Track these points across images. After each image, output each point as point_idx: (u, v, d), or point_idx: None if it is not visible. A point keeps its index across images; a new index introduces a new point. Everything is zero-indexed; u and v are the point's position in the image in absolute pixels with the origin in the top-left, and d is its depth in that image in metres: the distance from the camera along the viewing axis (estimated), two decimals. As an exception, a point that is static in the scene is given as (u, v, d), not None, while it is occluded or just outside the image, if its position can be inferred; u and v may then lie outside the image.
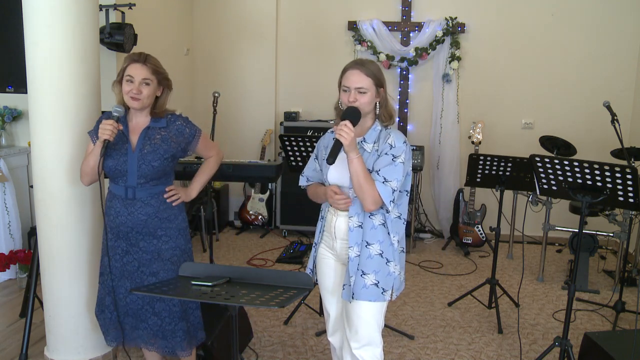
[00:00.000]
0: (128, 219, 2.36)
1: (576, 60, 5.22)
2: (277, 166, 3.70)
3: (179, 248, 2.42)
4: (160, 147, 2.32)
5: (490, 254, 5.00)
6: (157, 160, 2.31)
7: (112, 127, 2.22)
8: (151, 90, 2.30)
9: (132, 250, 2.39)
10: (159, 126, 2.36)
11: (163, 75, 2.35)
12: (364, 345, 2.16)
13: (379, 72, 2.11)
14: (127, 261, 2.40)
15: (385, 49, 5.37)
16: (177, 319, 2.40)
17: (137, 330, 2.43)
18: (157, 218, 2.36)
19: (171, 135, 2.36)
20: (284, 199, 5.39)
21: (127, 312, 2.43)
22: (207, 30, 5.68)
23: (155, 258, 2.38)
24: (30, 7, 2.57)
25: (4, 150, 4.18)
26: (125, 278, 2.41)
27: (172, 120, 2.40)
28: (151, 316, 2.40)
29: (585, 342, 2.81)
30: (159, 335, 2.41)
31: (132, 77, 2.27)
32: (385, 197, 2.03)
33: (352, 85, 2.08)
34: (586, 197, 2.55)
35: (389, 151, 2.06)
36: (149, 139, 2.33)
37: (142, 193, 2.34)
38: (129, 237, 2.38)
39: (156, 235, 2.37)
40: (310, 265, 2.35)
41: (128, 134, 2.36)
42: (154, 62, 2.32)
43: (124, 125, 2.36)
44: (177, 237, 2.41)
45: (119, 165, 2.32)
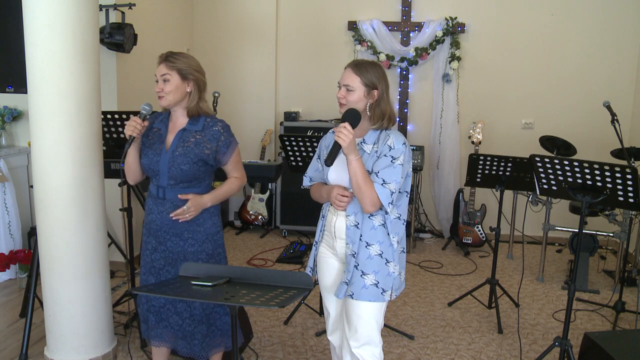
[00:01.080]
0: (158, 217, 2.37)
1: (576, 60, 5.22)
2: (277, 166, 3.71)
3: (205, 252, 2.40)
4: (192, 150, 2.30)
5: (490, 254, 5.00)
6: (186, 163, 2.29)
7: (136, 124, 2.26)
8: (172, 85, 2.28)
9: (160, 248, 2.40)
10: (195, 129, 2.34)
11: (187, 71, 2.30)
12: (364, 344, 2.17)
13: (374, 74, 2.10)
14: (155, 258, 2.42)
15: (385, 49, 5.37)
16: (196, 321, 2.40)
17: (157, 329, 2.45)
18: (186, 221, 2.35)
19: (205, 140, 2.32)
20: (284, 199, 5.39)
21: (150, 309, 2.45)
22: (207, 30, 5.68)
23: (181, 259, 2.38)
24: (30, 7, 2.57)
25: (4, 150, 4.18)
26: (151, 274, 2.43)
27: (210, 124, 2.36)
28: (173, 315, 2.41)
29: (585, 342, 2.81)
30: (179, 335, 2.42)
31: (156, 76, 2.31)
32: (384, 199, 2.04)
33: (342, 82, 2.13)
34: (586, 197, 2.55)
35: (388, 153, 2.07)
36: (183, 141, 2.32)
37: (171, 194, 2.34)
38: (157, 235, 2.40)
39: (183, 237, 2.37)
40: (311, 264, 2.36)
41: (166, 134, 2.37)
42: (177, 58, 2.30)
43: (164, 125, 2.38)
44: (203, 242, 2.39)
45: (152, 165, 2.33)
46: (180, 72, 2.29)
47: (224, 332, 2.48)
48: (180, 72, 2.29)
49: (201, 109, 2.36)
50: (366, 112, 2.12)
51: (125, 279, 4.18)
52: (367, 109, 2.12)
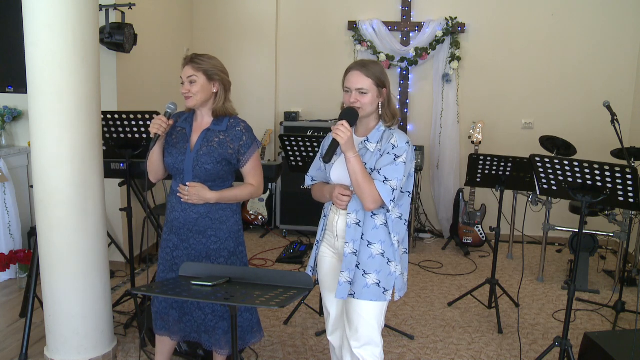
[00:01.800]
0: (181, 215, 2.39)
1: (576, 60, 5.22)
2: (277, 166, 3.70)
3: (227, 250, 2.42)
4: (216, 150, 2.33)
5: (490, 254, 5.00)
6: (210, 163, 2.32)
7: (161, 122, 2.29)
8: (199, 86, 2.31)
9: (182, 246, 2.42)
10: (219, 129, 2.37)
11: (213, 71, 2.34)
12: (364, 344, 2.17)
13: (381, 73, 2.12)
14: (177, 255, 2.43)
15: (385, 49, 5.37)
16: (218, 317, 2.42)
17: (180, 324, 2.47)
18: (209, 218, 2.38)
19: (228, 140, 2.35)
20: (284, 199, 5.39)
21: (172, 305, 2.46)
22: (207, 30, 5.68)
23: (203, 257, 2.40)
24: (30, 7, 2.57)
25: (4, 150, 4.18)
26: (172, 272, 2.45)
27: (234, 124, 2.38)
28: (196, 310, 2.43)
29: (585, 342, 2.81)
30: (202, 330, 2.45)
31: (182, 78, 2.33)
32: (385, 196, 2.04)
33: (352, 86, 2.10)
34: (586, 197, 2.55)
35: (391, 151, 2.07)
36: (207, 141, 2.35)
37: None
38: (180, 233, 2.41)
39: (206, 234, 2.39)
40: (312, 263, 2.36)
41: (190, 134, 2.39)
42: (202, 59, 2.33)
43: (188, 125, 2.41)
44: (226, 239, 2.41)
45: (176, 164, 2.36)
46: (207, 73, 2.32)
47: (244, 329, 2.51)
48: (207, 73, 2.32)
49: (227, 110, 2.40)
50: (378, 111, 2.13)
51: (125, 279, 4.18)
52: (379, 109, 2.12)
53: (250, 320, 2.53)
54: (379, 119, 2.18)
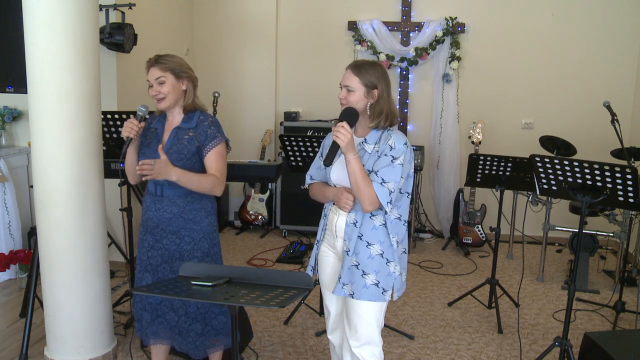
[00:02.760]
0: (155, 214, 2.39)
1: (576, 60, 5.22)
2: (277, 166, 3.70)
3: (201, 251, 2.41)
4: (185, 147, 2.34)
5: (490, 254, 5.00)
6: (180, 160, 2.32)
7: (132, 126, 2.29)
8: (169, 86, 2.32)
9: (156, 246, 2.42)
10: (188, 126, 2.37)
11: (180, 69, 2.34)
12: (364, 344, 2.18)
13: (374, 74, 2.11)
14: (152, 255, 2.43)
15: (385, 49, 5.37)
16: (191, 319, 2.41)
17: (152, 326, 2.46)
18: (182, 218, 2.37)
19: (196, 135, 2.36)
20: (284, 199, 5.39)
21: (145, 307, 2.45)
22: (207, 30, 5.68)
23: (177, 257, 2.40)
24: (30, 7, 2.57)
25: (4, 150, 4.18)
26: (147, 272, 2.44)
27: (202, 120, 2.39)
28: (169, 311, 2.42)
29: (585, 342, 2.81)
30: (175, 332, 2.44)
31: (149, 80, 2.33)
32: (383, 198, 2.04)
33: (342, 83, 2.15)
34: (586, 197, 2.54)
35: (388, 152, 2.07)
36: (177, 139, 2.35)
37: (169, 191, 2.37)
38: (154, 233, 2.41)
39: (179, 235, 2.39)
40: (312, 263, 2.37)
41: (162, 133, 2.40)
42: (166, 59, 2.33)
43: (161, 125, 2.41)
44: (200, 240, 2.41)
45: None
46: (174, 71, 2.32)
47: (220, 331, 2.48)
48: (174, 71, 2.32)
49: (197, 105, 2.41)
50: (366, 111, 2.13)
51: (125, 279, 4.18)
52: (367, 109, 2.13)
53: (224, 324, 2.50)
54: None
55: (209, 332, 2.46)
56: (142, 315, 2.46)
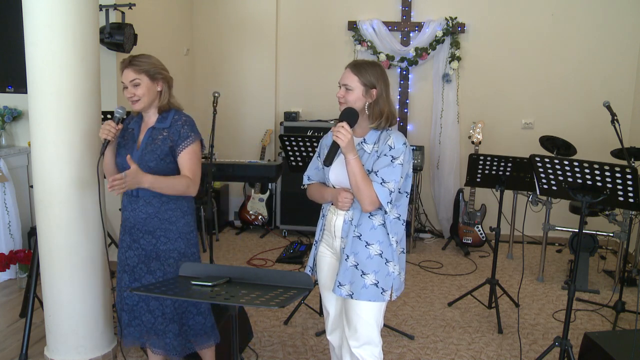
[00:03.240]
0: (131, 214, 2.40)
1: (576, 60, 5.22)
2: (277, 166, 3.71)
3: (177, 251, 2.40)
4: (159, 147, 2.33)
5: (490, 254, 5.00)
6: (153, 160, 2.32)
7: (110, 127, 2.29)
8: (144, 88, 2.31)
9: (133, 246, 2.42)
10: (162, 126, 2.37)
11: (155, 70, 2.33)
12: (363, 344, 2.18)
13: (374, 74, 2.11)
14: (129, 256, 2.43)
15: (385, 49, 5.37)
16: (168, 320, 2.40)
17: (129, 327, 2.46)
18: (157, 218, 2.37)
19: (170, 135, 2.36)
20: (284, 199, 5.39)
21: (123, 308, 2.45)
22: (207, 30, 5.68)
23: (154, 257, 2.39)
24: (30, 7, 2.57)
25: (4, 150, 4.18)
26: (125, 272, 2.44)
27: (176, 119, 2.39)
28: (145, 313, 2.42)
29: (585, 342, 2.81)
30: (151, 333, 2.43)
31: (123, 82, 2.32)
32: (383, 198, 2.04)
33: (341, 81, 2.15)
34: (586, 197, 2.54)
35: (388, 152, 2.08)
36: (152, 139, 2.35)
37: (144, 192, 2.36)
38: (132, 233, 2.41)
39: (155, 235, 2.38)
40: (311, 263, 2.37)
41: (138, 133, 2.40)
42: (141, 60, 2.31)
43: (137, 125, 2.41)
44: (176, 240, 2.40)
45: (124, 163, 2.35)
46: (149, 73, 2.31)
47: (197, 332, 2.48)
48: (149, 73, 2.31)
49: (172, 105, 2.41)
50: (365, 111, 2.13)
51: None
52: (365, 108, 2.13)
53: (202, 324, 2.49)
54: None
55: (186, 332, 2.45)
56: (121, 315, 2.47)
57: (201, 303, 2.47)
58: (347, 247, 2.14)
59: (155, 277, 2.39)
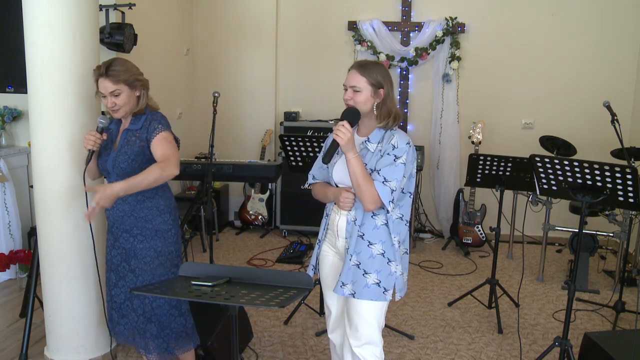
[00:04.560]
0: (110, 213, 2.43)
1: (576, 60, 5.22)
2: (277, 166, 3.70)
3: (154, 249, 2.39)
4: (131, 148, 2.34)
5: (490, 254, 5.00)
6: (124, 161, 2.33)
7: (95, 138, 2.33)
8: (125, 97, 2.31)
9: (115, 245, 2.44)
10: (135, 128, 2.38)
11: (132, 78, 2.31)
12: (364, 343, 2.18)
13: (380, 73, 2.12)
14: (113, 255, 2.46)
15: (385, 49, 5.37)
16: (146, 319, 2.40)
17: (119, 326, 2.47)
18: (133, 216, 2.38)
19: (140, 135, 2.35)
20: (284, 199, 5.39)
21: (112, 306, 2.47)
22: (207, 30, 5.68)
23: (132, 255, 2.40)
24: (30, 7, 2.58)
25: (4, 150, 4.18)
26: (111, 271, 2.47)
27: (149, 119, 2.37)
28: (130, 312, 2.43)
29: (585, 342, 2.81)
30: (135, 332, 2.44)
31: (102, 92, 2.32)
32: (384, 197, 2.04)
33: (347, 83, 2.14)
34: (586, 197, 2.55)
35: (391, 151, 2.08)
36: (126, 141, 2.37)
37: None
38: (112, 232, 2.45)
39: (132, 233, 2.39)
40: (313, 262, 2.37)
41: (116, 135, 2.43)
42: (117, 69, 2.28)
43: (116, 127, 2.44)
44: (152, 238, 2.39)
45: (102, 164, 2.42)
46: (127, 82, 2.30)
47: (179, 335, 2.46)
48: (127, 82, 2.30)
49: (149, 106, 2.42)
50: (373, 111, 2.13)
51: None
52: (374, 109, 2.13)
53: (184, 325, 2.48)
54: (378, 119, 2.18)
55: (167, 335, 2.43)
56: (111, 314, 2.49)
57: (182, 304, 2.47)
58: (351, 247, 2.14)
59: (136, 275, 2.40)
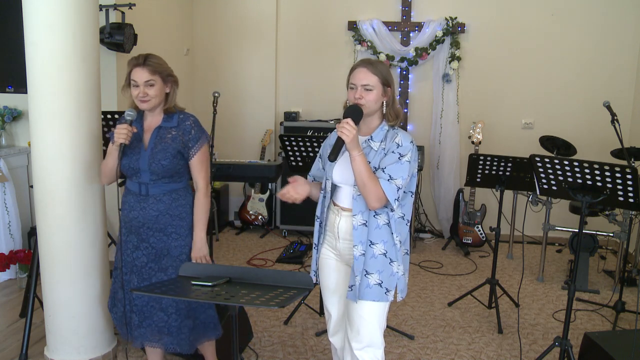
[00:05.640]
0: (140, 214, 2.40)
1: (576, 60, 5.22)
2: (277, 166, 3.70)
3: (188, 247, 2.44)
4: (170, 146, 2.36)
5: (490, 254, 5.00)
6: (166, 159, 2.35)
7: (127, 131, 2.31)
8: (157, 90, 2.33)
9: (141, 246, 2.42)
10: (170, 125, 2.39)
11: (166, 73, 2.36)
12: (365, 346, 2.16)
13: (387, 71, 2.12)
14: (137, 256, 2.43)
15: (385, 49, 5.37)
16: (183, 316, 2.42)
17: (140, 328, 2.45)
18: (168, 215, 2.39)
19: (180, 134, 2.39)
20: (284, 199, 5.38)
21: (132, 309, 2.45)
22: (207, 30, 5.68)
23: (165, 254, 2.41)
24: (30, 7, 2.57)
25: (4, 150, 4.18)
26: (133, 274, 2.44)
27: (183, 119, 2.42)
28: (157, 312, 2.42)
29: (585, 342, 2.81)
30: (164, 332, 2.43)
31: (136, 81, 2.32)
32: (390, 195, 2.02)
33: (358, 82, 2.10)
34: (586, 197, 2.55)
35: (395, 150, 2.07)
36: (160, 138, 2.38)
37: (154, 190, 2.38)
38: (139, 233, 2.42)
39: (166, 232, 2.40)
40: (314, 267, 2.33)
41: (142, 133, 2.42)
42: (155, 61, 2.33)
43: (139, 125, 2.43)
44: (187, 236, 2.43)
45: (132, 163, 2.38)
46: (162, 75, 2.34)
47: (207, 325, 2.52)
48: (162, 75, 2.34)
49: (177, 106, 2.45)
50: (380, 110, 2.13)
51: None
52: (383, 107, 2.13)
53: (213, 317, 2.54)
54: (382, 118, 2.17)
55: (198, 327, 2.49)
56: (131, 317, 2.46)
57: None
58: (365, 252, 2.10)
59: (168, 274, 2.40)
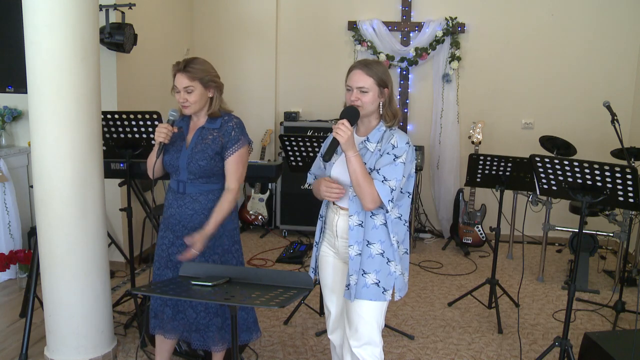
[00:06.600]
0: (177, 211, 2.43)
1: (576, 60, 5.22)
2: (277, 166, 3.70)
3: (221, 247, 2.46)
4: (209, 146, 2.38)
5: (490, 254, 5.00)
6: (204, 159, 2.37)
7: (167, 131, 2.37)
8: (197, 95, 2.35)
9: (177, 243, 2.44)
10: (212, 127, 2.42)
11: (208, 78, 2.37)
12: (364, 344, 2.17)
13: (384, 72, 2.12)
14: (172, 252, 2.46)
15: (385, 49, 5.37)
16: (211, 314, 2.45)
17: (174, 322, 2.48)
18: (203, 215, 2.40)
19: (220, 135, 2.41)
20: (284, 199, 5.39)
21: (166, 303, 2.48)
22: (207, 30, 5.68)
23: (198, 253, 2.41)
24: (30, 7, 2.57)
25: (4, 150, 4.18)
26: (168, 268, 2.47)
27: (227, 121, 2.44)
28: (188, 308, 2.45)
29: (585, 342, 2.81)
30: (192, 328, 2.46)
31: (177, 87, 2.36)
32: (384, 196, 2.04)
33: (354, 84, 2.11)
34: (586, 197, 2.55)
35: (390, 151, 2.07)
36: (202, 139, 2.41)
37: (191, 189, 2.41)
38: (175, 230, 2.45)
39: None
40: (313, 265, 2.36)
41: (187, 133, 2.46)
42: (195, 67, 2.34)
43: (185, 124, 2.48)
44: (220, 237, 2.44)
45: (172, 161, 2.42)
46: (202, 81, 2.36)
47: (240, 327, 2.53)
48: (202, 81, 2.36)
49: (222, 109, 2.47)
50: (377, 111, 2.13)
51: (125, 279, 4.18)
52: (380, 108, 2.13)
53: (245, 319, 2.56)
54: (380, 119, 2.18)
55: (228, 326, 2.49)
56: (164, 310, 2.49)
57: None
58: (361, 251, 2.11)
59: None
